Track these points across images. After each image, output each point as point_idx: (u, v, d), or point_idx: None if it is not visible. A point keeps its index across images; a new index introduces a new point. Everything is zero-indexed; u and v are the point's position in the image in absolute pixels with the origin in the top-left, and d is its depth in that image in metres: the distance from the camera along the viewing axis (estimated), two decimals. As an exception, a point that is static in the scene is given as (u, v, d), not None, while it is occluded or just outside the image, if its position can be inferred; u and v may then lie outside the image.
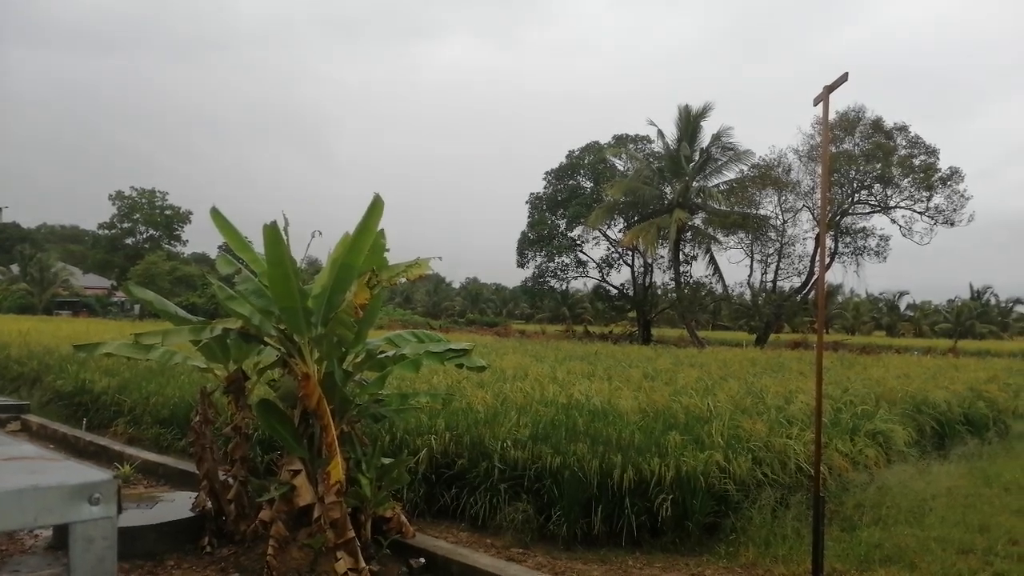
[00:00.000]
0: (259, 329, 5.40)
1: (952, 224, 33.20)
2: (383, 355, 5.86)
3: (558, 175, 44.06)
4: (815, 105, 4.95)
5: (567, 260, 43.72)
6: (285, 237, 5.08)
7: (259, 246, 5.39)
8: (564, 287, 46.21)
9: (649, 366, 14.73)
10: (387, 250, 5.92)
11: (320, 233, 5.88)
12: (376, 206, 5.32)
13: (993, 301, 72.86)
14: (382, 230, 5.88)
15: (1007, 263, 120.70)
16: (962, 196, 32.79)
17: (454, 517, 6.79)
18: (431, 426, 7.32)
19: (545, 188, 44.24)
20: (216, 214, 5.97)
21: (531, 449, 6.68)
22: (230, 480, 6.25)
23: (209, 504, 6.23)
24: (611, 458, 6.37)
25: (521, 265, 44.54)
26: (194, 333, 5.40)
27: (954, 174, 32.75)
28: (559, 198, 43.34)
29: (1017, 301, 72.17)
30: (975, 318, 68.90)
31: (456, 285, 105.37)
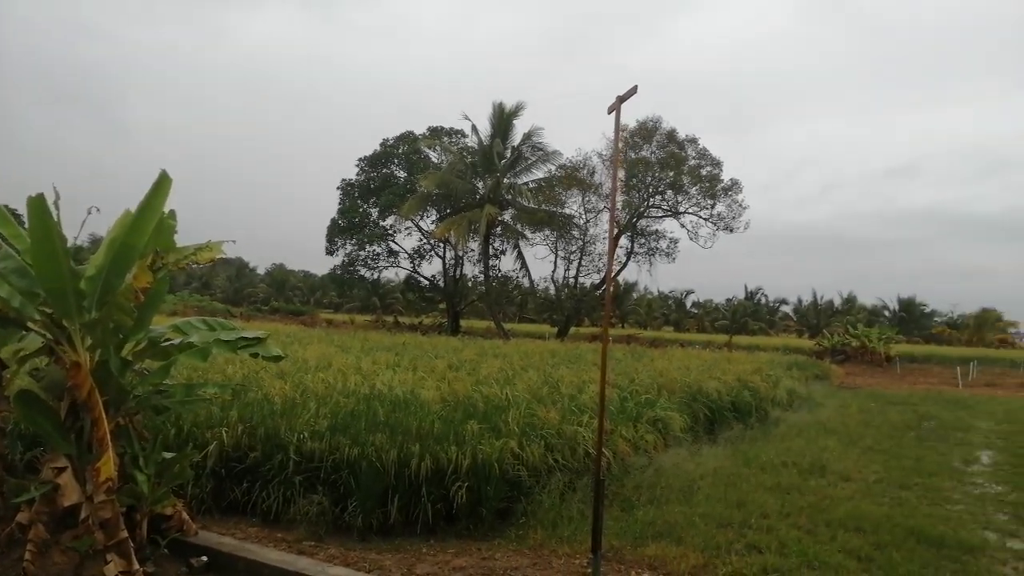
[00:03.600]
0: (20, 313, 4.87)
1: (731, 230, 36.63)
2: (168, 343, 5.48)
3: (371, 162, 43.37)
4: (609, 114, 5.28)
5: (378, 249, 43.16)
6: (55, 211, 4.61)
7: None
8: (375, 277, 45.69)
9: (455, 356, 14.97)
10: (176, 231, 5.56)
11: (98, 209, 5.39)
12: (162, 183, 4.97)
13: (764, 301, 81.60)
14: (173, 211, 5.52)
15: (776, 267, 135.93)
16: (740, 205, 36.29)
17: (245, 512, 6.52)
18: (223, 418, 6.99)
19: (358, 175, 43.37)
20: (-30, 182, 5.28)
21: (329, 440, 6.58)
22: (-19, 481, 5.57)
23: (-47, 508, 5.51)
24: (410, 448, 6.42)
25: (331, 252, 43.38)
26: (-63, 316, 4.76)
27: (734, 185, 36.18)
28: (372, 186, 42.68)
29: (783, 302, 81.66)
30: (748, 316, 76.74)
31: (261, 271, 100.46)
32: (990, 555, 6.22)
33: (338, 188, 43.51)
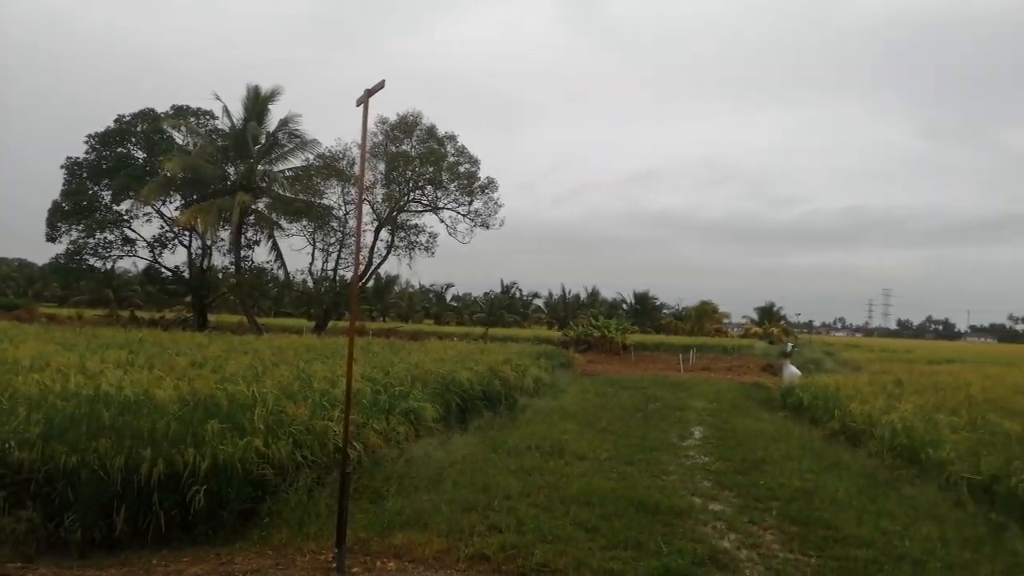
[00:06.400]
0: None
1: (487, 227, 38.09)
2: None
3: (104, 140, 38.86)
4: (357, 106, 5.28)
5: (111, 237, 38.81)
6: None
7: None
8: (108, 267, 41.11)
9: (199, 353, 14.07)
10: None
11: None
12: None
13: (518, 295, 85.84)
14: None
15: (532, 263, 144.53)
16: (496, 203, 37.85)
17: (-67, 538, 5.65)
18: (-100, 431, 5.99)
19: (87, 153, 38.70)
20: None
21: (42, 449, 5.93)
22: None
23: None
24: (140, 452, 5.99)
25: (53, 239, 38.21)
26: None
27: (490, 183, 37.63)
28: (104, 166, 38.26)
29: (536, 295, 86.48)
30: (504, 309, 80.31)
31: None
32: (695, 517, 7.13)
33: (62, 167, 38.56)
